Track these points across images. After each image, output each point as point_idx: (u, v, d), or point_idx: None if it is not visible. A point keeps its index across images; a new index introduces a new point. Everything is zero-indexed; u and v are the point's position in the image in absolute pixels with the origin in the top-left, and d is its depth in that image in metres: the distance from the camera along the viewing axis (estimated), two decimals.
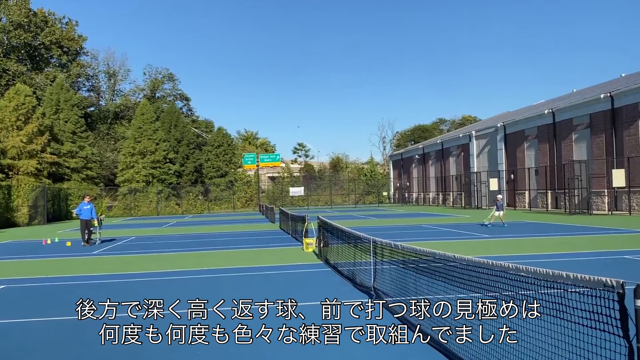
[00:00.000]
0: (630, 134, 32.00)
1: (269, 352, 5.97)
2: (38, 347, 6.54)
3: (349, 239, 10.90)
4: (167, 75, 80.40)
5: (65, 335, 7.05)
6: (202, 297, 9.48)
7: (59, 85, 57.54)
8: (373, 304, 6.50)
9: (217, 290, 10.11)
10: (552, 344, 4.47)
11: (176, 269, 13.12)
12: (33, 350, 6.39)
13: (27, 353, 6.30)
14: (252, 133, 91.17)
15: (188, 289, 10.27)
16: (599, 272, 3.94)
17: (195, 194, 61.32)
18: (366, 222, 30.42)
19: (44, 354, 6.24)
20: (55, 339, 6.88)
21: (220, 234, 25.11)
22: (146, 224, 37.95)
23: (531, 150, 42.81)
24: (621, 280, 3.21)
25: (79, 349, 6.39)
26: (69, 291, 10.51)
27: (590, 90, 43.34)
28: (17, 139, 45.83)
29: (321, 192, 69.82)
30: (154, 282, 11.28)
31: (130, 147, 58.96)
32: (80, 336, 6.97)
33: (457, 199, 54.23)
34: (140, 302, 6.48)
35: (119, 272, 13.11)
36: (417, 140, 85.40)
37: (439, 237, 19.81)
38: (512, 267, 4.39)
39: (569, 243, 16.48)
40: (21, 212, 40.03)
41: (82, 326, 7.55)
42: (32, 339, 6.96)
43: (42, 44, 65.70)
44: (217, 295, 9.60)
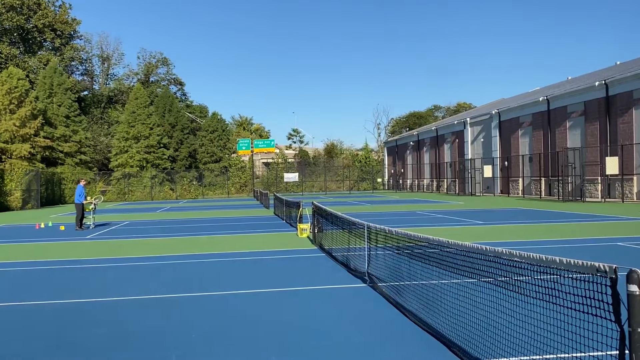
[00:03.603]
0: (624, 122, 32.08)
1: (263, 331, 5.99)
2: (31, 330, 6.54)
3: (343, 224, 10.92)
4: (161, 60, 79.79)
5: (58, 319, 7.05)
6: (195, 281, 9.53)
7: (52, 68, 57.00)
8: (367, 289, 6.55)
9: (211, 276, 10.13)
10: (546, 328, 4.51)
11: (170, 254, 13.13)
12: (26, 334, 6.38)
13: (20, 337, 6.29)
14: (247, 118, 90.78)
15: (181, 274, 10.29)
16: (592, 258, 3.96)
17: (189, 179, 61.18)
18: (360, 208, 30.47)
19: (37, 337, 6.23)
20: (48, 323, 6.88)
21: (214, 219, 25.10)
22: (140, 208, 37.89)
23: (525, 138, 42.87)
24: (614, 265, 3.22)
25: (74, 332, 6.39)
26: (62, 275, 10.51)
27: (585, 78, 43.35)
28: (10, 123, 45.48)
29: (315, 178, 69.80)
30: (147, 267, 11.28)
31: (124, 131, 58.64)
32: (74, 320, 6.97)
33: (451, 186, 54.35)
34: (134, 286, 6.51)
35: (112, 256, 13.11)
36: (412, 127, 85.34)
37: (432, 223, 19.87)
38: (506, 253, 4.41)
39: (562, 230, 16.56)
40: (14, 196, 39.87)
41: (75, 310, 7.56)
42: (25, 322, 6.96)
43: (35, 27, 64.94)
44: (210, 281, 9.63)
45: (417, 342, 5.64)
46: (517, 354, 4.62)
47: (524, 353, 4.59)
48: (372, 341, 5.71)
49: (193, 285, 9.02)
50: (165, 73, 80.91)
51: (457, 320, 5.59)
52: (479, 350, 4.95)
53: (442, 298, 6.15)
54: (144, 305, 7.68)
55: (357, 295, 7.95)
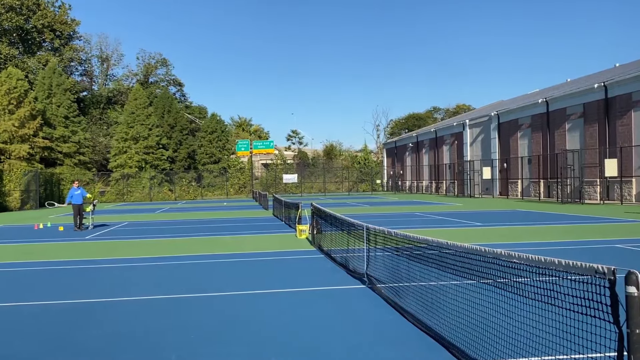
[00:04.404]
0: (623, 124, 32.11)
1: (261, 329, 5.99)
2: (30, 331, 6.53)
3: (342, 225, 10.92)
4: (160, 61, 79.84)
5: (56, 320, 7.04)
6: (194, 282, 9.53)
7: (52, 69, 57.00)
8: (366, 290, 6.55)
9: (210, 276, 10.13)
10: (544, 330, 4.52)
11: (169, 255, 13.12)
12: (23, 334, 6.37)
13: (17, 337, 6.29)
14: (246, 119, 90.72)
15: (180, 274, 10.29)
16: (591, 260, 3.97)
17: (188, 180, 61.17)
18: (359, 210, 30.48)
19: (36, 338, 6.23)
20: (46, 323, 6.87)
21: (213, 220, 25.10)
22: (139, 209, 37.87)
23: (524, 140, 42.90)
24: (612, 267, 3.23)
25: (71, 333, 6.38)
26: (60, 276, 10.50)
27: (584, 80, 43.39)
28: (9, 123, 45.48)
29: (314, 180, 69.80)
30: (145, 267, 11.28)
31: (123, 132, 58.64)
32: (72, 320, 6.97)
33: (450, 188, 54.37)
34: (133, 287, 6.50)
35: (111, 256, 13.10)
36: (411, 129, 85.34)
37: (431, 225, 19.88)
38: (505, 254, 4.41)
39: (560, 232, 16.57)
40: (13, 197, 39.84)
41: (73, 310, 7.55)
42: (22, 323, 6.95)
43: (34, 28, 64.94)
44: (210, 281, 9.63)
45: (416, 343, 5.64)
46: (516, 355, 4.62)
47: (523, 355, 4.59)
48: (371, 342, 5.71)
49: (192, 286, 9.02)
50: (165, 74, 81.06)
51: (456, 321, 5.59)
52: (477, 351, 4.95)
53: (441, 299, 6.15)
54: (143, 306, 7.67)
55: (356, 296, 7.95)
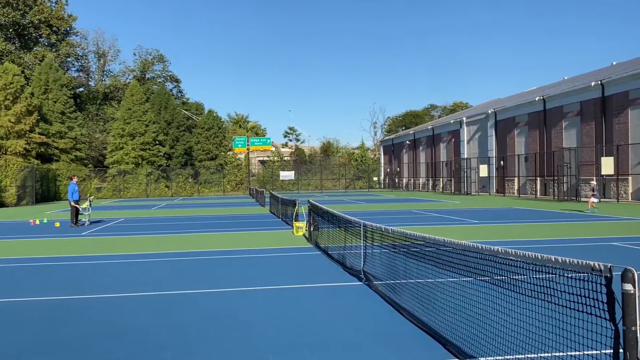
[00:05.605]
0: (620, 122, 32.18)
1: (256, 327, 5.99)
2: (25, 327, 6.52)
3: (339, 222, 10.92)
4: (157, 57, 79.60)
5: (52, 316, 7.03)
6: (190, 279, 9.52)
7: (48, 64, 56.77)
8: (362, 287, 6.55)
9: (206, 273, 10.12)
10: (541, 326, 4.53)
11: (165, 251, 13.11)
12: (20, 331, 6.36)
13: (13, 332, 6.27)
14: (243, 116, 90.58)
15: (176, 271, 10.27)
16: (587, 257, 3.98)
17: (185, 176, 61.09)
18: (356, 207, 30.49)
19: (30, 334, 6.21)
20: (42, 319, 6.86)
21: (210, 217, 25.07)
22: (135, 205, 37.81)
23: (521, 137, 42.97)
24: (609, 264, 3.24)
25: (68, 329, 6.37)
26: (56, 272, 10.48)
27: (581, 78, 43.45)
28: (5, 119, 45.30)
29: (311, 177, 69.79)
30: (142, 264, 11.26)
31: (120, 128, 58.49)
32: (68, 317, 6.96)
33: (447, 185, 54.43)
34: (129, 283, 6.49)
35: (107, 253, 13.08)
36: (408, 126, 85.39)
37: (428, 222, 19.90)
38: (502, 251, 4.42)
39: (557, 229, 16.62)
40: (9, 193, 39.72)
41: (69, 306, 7.54)
42: (18, 318, 6.94)
43: (30, 23, 64.65)
44: (206, 278, 9.62)
45: (413, 340, 5.65)
46: (512, 352, 4.63)
47: (520, 351, 4.60)
48: (368, 339, 5.71)
49: (188, 283, 9.02)
50: (162, 70, 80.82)
51: (452, 318, 5.60)
52: (474, 348, 4.96)
53: (437, 296, 6.16)
54: (139, 303, 7.66)
55: (353, 293, 7.95)
